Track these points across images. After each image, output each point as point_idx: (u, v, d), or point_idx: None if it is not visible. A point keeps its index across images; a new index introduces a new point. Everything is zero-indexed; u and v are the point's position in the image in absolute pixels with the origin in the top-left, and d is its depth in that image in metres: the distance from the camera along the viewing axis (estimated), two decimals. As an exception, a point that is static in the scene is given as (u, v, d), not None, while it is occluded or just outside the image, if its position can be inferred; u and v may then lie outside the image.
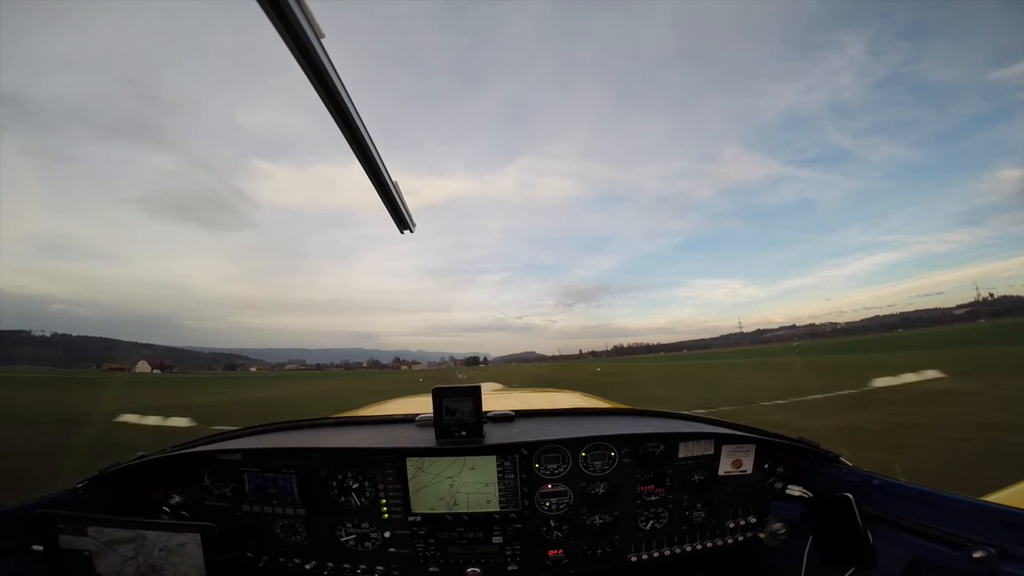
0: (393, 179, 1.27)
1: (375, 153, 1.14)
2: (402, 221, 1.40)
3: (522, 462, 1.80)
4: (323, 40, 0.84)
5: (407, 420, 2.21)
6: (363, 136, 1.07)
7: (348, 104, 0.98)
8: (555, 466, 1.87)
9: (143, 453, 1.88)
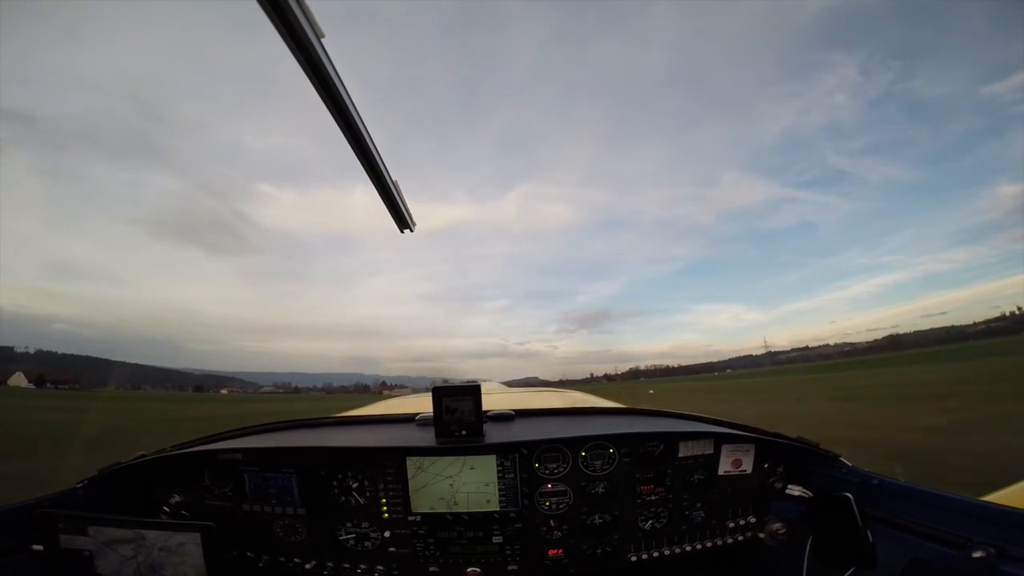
0: (393, 178, 1.27)
1: (375, 152, 1.14)
2: (402, 220, 1.41)
3: (522, 461, 1.80)
4: (323, 40, 0.85)
5: (407, 419, 2.21)
6: (363, 135, 1.08)
7: (347, 102, 0.98)
8: (555, 465, 1.87)
9: (143, 452, 1.87)
